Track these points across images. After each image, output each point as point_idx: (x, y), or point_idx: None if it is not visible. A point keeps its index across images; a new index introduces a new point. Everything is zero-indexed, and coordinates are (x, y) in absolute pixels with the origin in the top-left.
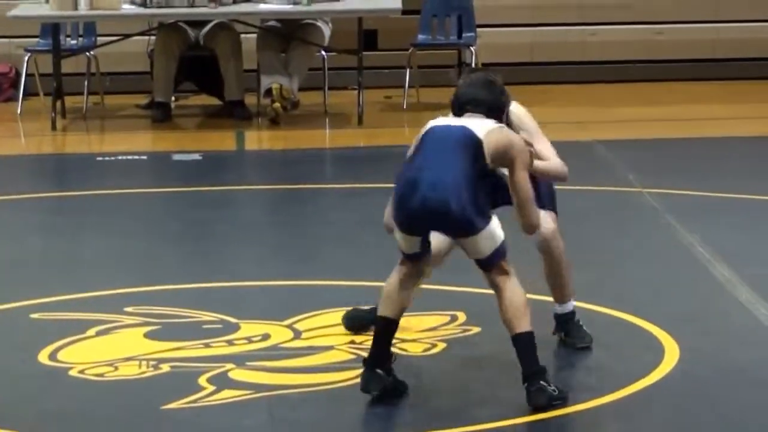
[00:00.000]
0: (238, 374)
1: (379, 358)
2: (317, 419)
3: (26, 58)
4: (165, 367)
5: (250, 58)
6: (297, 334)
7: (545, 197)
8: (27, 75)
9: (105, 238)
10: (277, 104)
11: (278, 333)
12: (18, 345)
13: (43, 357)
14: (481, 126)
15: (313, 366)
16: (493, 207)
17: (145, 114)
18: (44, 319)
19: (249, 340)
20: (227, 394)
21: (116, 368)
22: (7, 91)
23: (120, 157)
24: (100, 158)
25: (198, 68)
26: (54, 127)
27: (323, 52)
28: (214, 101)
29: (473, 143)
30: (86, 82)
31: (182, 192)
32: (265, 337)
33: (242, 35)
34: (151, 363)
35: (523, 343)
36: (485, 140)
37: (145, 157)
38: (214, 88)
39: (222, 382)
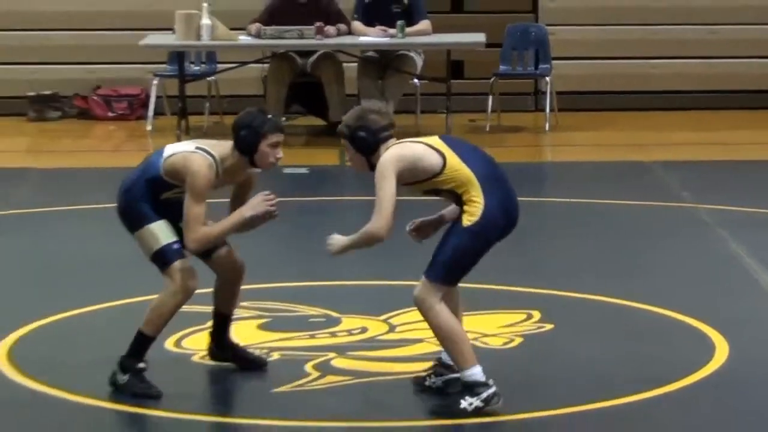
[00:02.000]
0: (339, 362)
1: None
2: (406, 403)
3: (155, 82)
4: (275, 355)
5: (351, 84)
6: (391, 328)
7: (437, 265)
8: (156, 97)
9: None
10: None
11: (375, 326)
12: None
13: (169, 344)
14: None
15: (404, 356)
16: None
17: None
18: None
19: (349, 332)
20: (330, 380)
21: None
22: (138, 111)
23: None
24: None
25: (305, 93)
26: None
27: (416, 80)
28: (319, 122)
29: None
30: (207, 104)
31: (291, 201)
32: (364, 330)
33: (344, 64)
34: (264, 351)
35: None
36: None
37: (258, 171)
38: (320, 111)
39: (325, 368)
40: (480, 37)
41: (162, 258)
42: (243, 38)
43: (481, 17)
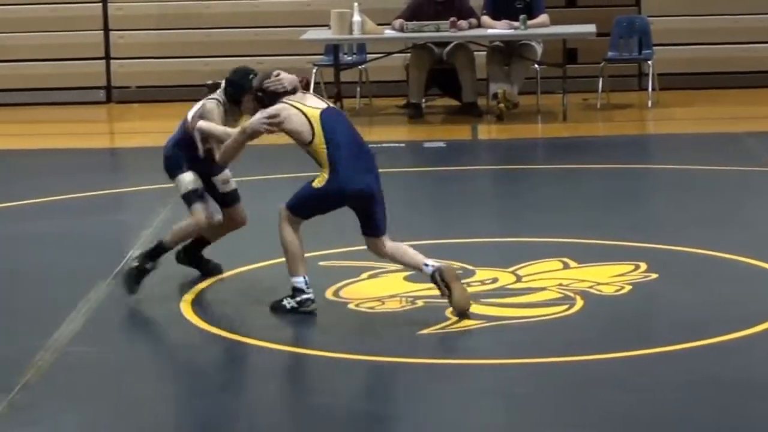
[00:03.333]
0: (474, 308)
1: None
2: (531, 341)
3: (314, 71)
4: (420, 303)
5: (481, 69)
6: (519, 278)
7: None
8: (315, 83)
9: None
10: (501, 105)
11: (504, 277)
12: (310, 285)
13: (329, 294)
14: None
15: (530, 302)
16: None
17: (402, 112)
18: (328, 265)
19: (482, 282)
20: (466, 323)
21: (383, 303)
22: None
23: (384, 145)
24: (370, 146)
25: (442, 78)
26: None
27: (536, 66)
28: (454, 102)
29: None
30: (358, 89)
31: (431, 171)
32: (495, 280)
33: (475, 52)
34: (409, 299)
35: None
36: None
37: (403, 145)
38: (454, 93)
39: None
40: (591, 28)
41: (187, 200)
42: (388, 32)
43: (592, 11)
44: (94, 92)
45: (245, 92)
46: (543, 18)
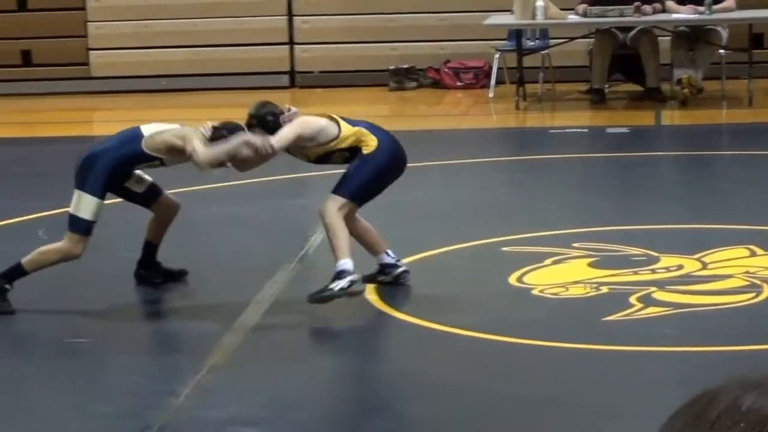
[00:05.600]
0: (660, 295)
1: None
2: (717, 329)
3: (497, 56)
4: (604, 289)
5: (665, 54)
6: (704, 265)
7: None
8: (498, 68)
9: (556, 191)
10: (686, 90)
11: (690, 264)
12: (493, 271)
13: (512, 280)
14: None
15: (716, 290)
16: None
17: (585, 98)
18: (512, 251)
19: (667, 269)
20: (652, 310)
21: (567, 289)
22: (483, 81)
23: (567, 130)
24: (552, 131)
25: (625, 63)
26: (517, 108)
27: (722, 51)
28: (638, 88)
29: None
30: (541, 74)
31: (614, 157)
32: (680, 267)
33: (659, 38)
34: (593, 285)
35: None
36: None
37: (586, 130)
38: (638, 78)
39: (648, 300)
40: None
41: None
42: (571, 17)
43: None
44: (278, 77)
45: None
46: (729, 2)
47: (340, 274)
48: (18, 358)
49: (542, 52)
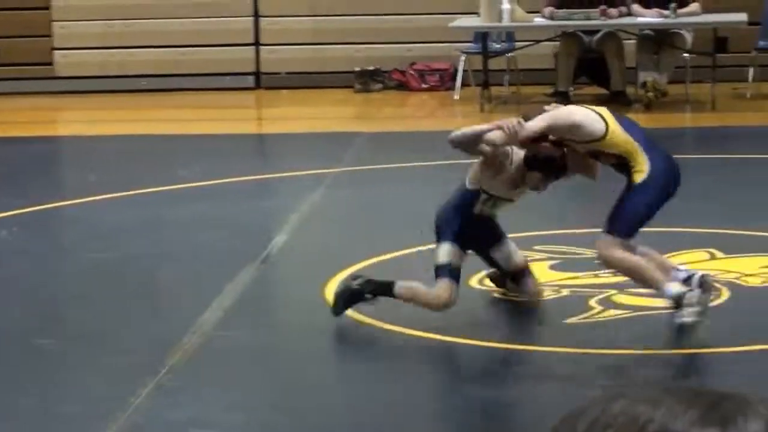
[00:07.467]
0: (619, 298)
1: None
2: (677, 332)
3: (462, 58)
4: (564, 292)
5: (630, 58)
6: None
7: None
8: (463, 71)
9: None
10: (650, 94)
11: None
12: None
13: (473, 282)
14: None
15: None
16: None
17: (550, 100)
18: (473, 254)
19: None
20: (610, 313)
21: None
22: (448, 83)
23: None
24: None
25: (590, 66)
26: (482, 110)
27: (686, 54)
28: (603, 91)
29: None
30: (506, 77)
31: None
32: None
33: (624, 41)
34: (554, 288)
35: None
36: None
37: None
38: (603, 81)
39: (607, 303)
40: (742, 17)
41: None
42: (538, 20)
43: None
44: (244, 78)
45: None
46: (694, 6)
47: (678, 302)
48: None
49: (508, 54)
